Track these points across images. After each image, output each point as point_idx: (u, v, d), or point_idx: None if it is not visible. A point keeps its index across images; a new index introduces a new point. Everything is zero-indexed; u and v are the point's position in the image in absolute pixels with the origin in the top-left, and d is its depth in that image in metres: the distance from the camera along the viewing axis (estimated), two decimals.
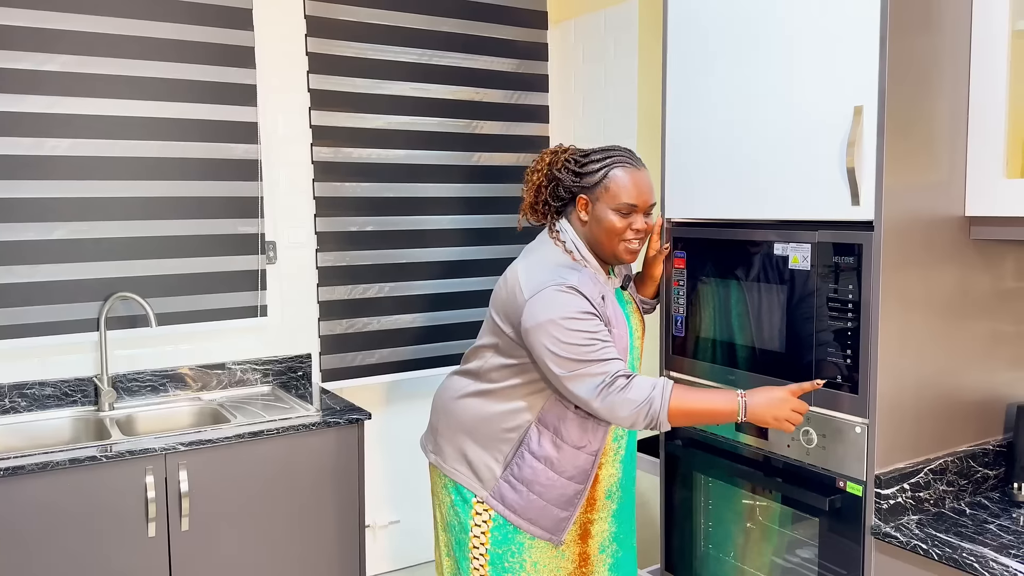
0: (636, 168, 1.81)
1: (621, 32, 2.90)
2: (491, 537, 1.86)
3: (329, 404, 2.55)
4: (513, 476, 1.83)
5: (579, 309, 1.70)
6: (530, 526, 1.84)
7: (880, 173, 1.56)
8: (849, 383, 1.63)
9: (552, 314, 1.70)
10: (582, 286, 1.73)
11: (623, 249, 1.81)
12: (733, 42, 1.85)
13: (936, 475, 1.67)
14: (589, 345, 1.68)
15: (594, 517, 1.94)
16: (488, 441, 1.86)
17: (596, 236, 1.82)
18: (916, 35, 1.58)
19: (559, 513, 1.84)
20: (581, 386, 1.68)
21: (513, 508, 1.84)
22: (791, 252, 1.73)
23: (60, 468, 2.02)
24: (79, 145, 2.42)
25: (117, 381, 2.54)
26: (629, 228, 1.80)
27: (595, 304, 1.73)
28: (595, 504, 1.93)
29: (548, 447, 1.81)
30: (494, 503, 1.85)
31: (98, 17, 2.42)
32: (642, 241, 1.83)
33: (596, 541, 1.95)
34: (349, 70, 2.83)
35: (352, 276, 2.88)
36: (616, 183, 1.79)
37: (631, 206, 1.78)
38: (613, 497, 1.96)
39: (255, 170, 2.70)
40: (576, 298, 1.71)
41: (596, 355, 1.68)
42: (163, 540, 2.17)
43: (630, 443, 1.98)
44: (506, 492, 1.84)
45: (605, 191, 1.80)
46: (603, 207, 1.80)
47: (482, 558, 1.87)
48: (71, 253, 2.44)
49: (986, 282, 1.76)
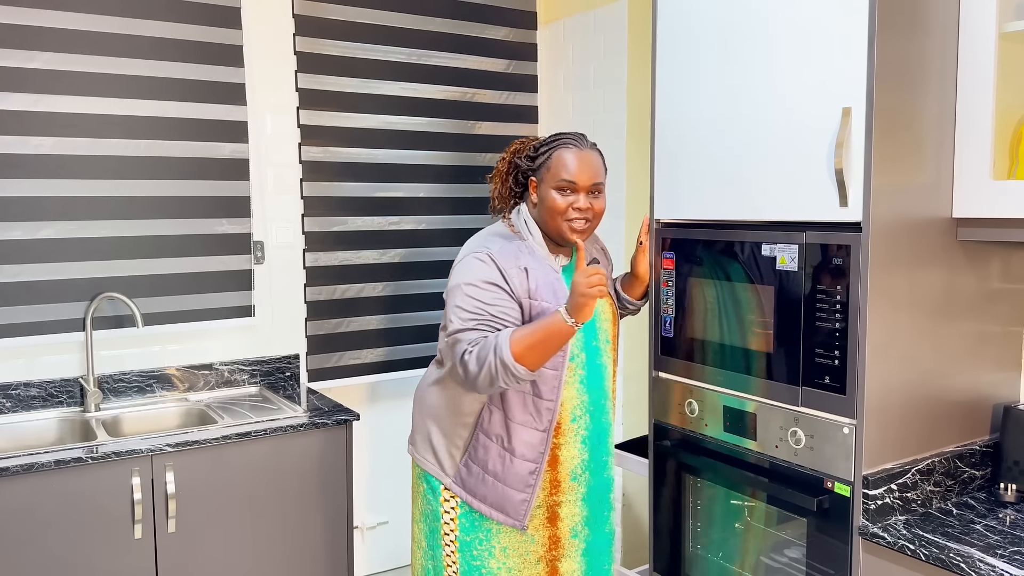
0: (580, 149, 1.87)
1: (611, 33, 2.90)
2: (459, 524, 1.91)
3: (317, 405, 2.54)
4: (471, 460, 1.89)
5: (484, 278, 1.79)
6: (491, 511, 1.87)
7: (868, 174, 1.56)
8: (837, 384, 1.63)
9: (459, 279, 1.81)
10: (500, 256, 1.81)
11: (567, 228, 1.86)
12: (722, 43, 1.85)
13: (923, 475, 1.68)
14: (475, 315, 1.76)
15: (560, 500, 1.94)
16: (450, 427, 1.92)
17: (543, 216, 1.89)
18: (904, 37, 1.59)
19: (517, 495, 1.86)
20: (453, 355, 1.77)
21: (474, 493, 1.89)
22: (779, 253, 1.74)
23: (45, 469, 2.00)
24: (64, 143, 2.40)
25: (103, 382, 2.52)
26: (571, 207, 1.85)
27: (506, 274, 1.80)
28: (560, 487, 1.93)
29: (499, 426, 1.86)
30: (457, 489, 1.90)
31: (83, 15, 2.40)
32: (586, 221, 1.86)
33: (567, 524, 1.96)
34: (338, 69, 2.82)
35: (340, 276, 2.87)
36: (557, 162, 1.86)
37: (570, 183, 1.84)
38: (580, 480, 1.96)
39: (243, 169, 2.68)
40: (486, 266, 1.80)
41: (474, 325, 1.76)
42: (149, 542, 2.15)
43: (596, 425, 1.98)
44: (466, 477, 1.89)
45: (548, 171, 1.88)
46: (546, 187, 1.87)
47: (453, 545, 1.92)
48: (56, 252, 2.42)
49: (973, 283, 1.77)
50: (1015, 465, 1.76)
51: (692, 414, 1.98)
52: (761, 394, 1.80)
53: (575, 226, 1.86)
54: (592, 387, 1.94)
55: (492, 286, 1.79)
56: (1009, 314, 1.86)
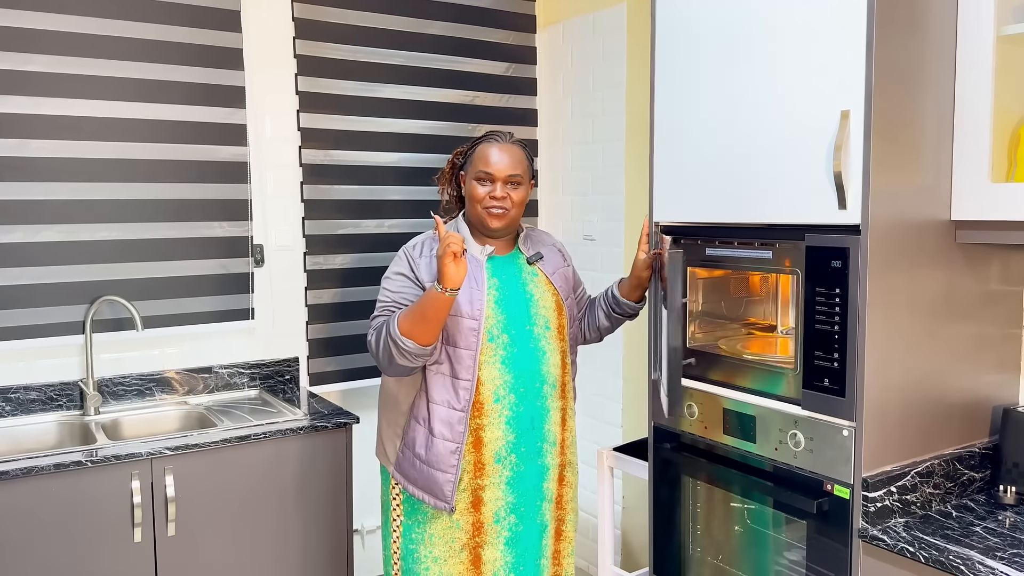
0: (500, 143, 2.02)
1: (610, 36, 2.91)
2: (404, 510, 2.04)
3: (317, 408, 2.54)
4: (405, 445, 2.00)
5: (394, 270, 2.01)
6: (422, 493, 1.97)
7: (867, 177, 1.56)
8: (836, 386, 1.63)
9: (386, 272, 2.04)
10: (413, 247, 2.02)
11: (485, 215, 2.00)
12: (721, 46, 1.86)
13: (923, 478, 1.68)
14: (384, 303, 1.98)
15: (484, 483, 1.97)
16: (392, 417, 2.05)
17: (468, 206, 2.04)
18: (902, 40, 1.59)
19: (441, 476, 1.94)
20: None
21: (407, 476, 2.00)
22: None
23: (45, 473, 2.00)
24: (63, 147, 2.41)
25: (103, 385, 2.52)
26: (488, 196, 1.99)
27: (414, 263, 1.98)
28: (484, 469, 1.96)
29: (423, 409, 1.96)
30: (398, 476, 2.03)
31: (82, 17, 2.41)
32: (504, 210, 1.99)
33: (490, 509, 1.98)
34: (338, 72, 2.82)
35: (341, 279, 2.87)
36: (479, 155, 2.02)
37: (486, 173, 1.99)
38: (505, 463, 1.98)
39: (243, 172, 2.69)
40: (399, 259, 2.02)
41: (380, 311, 1.97)
42: (149, 545, 2.15)
43: (528, 408, 1.99)
44: (402, 461, 2.01)
45: (471, 164, 2.04)
46: (469, 179, 2.03)
47: (398, 531, 2.07)
48: (56, 256, 2.42)
49: (972, 285, 1.77)
50: (1015, 467, 1.76)
51: (692, 417, 1.98)
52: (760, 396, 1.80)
53: (493, 212, 1.99)
54: (520, 369, 1.98)
55: (399, 276, 1.99)
56: (1008, 316, 1.86)
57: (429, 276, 1.97)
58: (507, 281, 2.03)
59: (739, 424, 1.85)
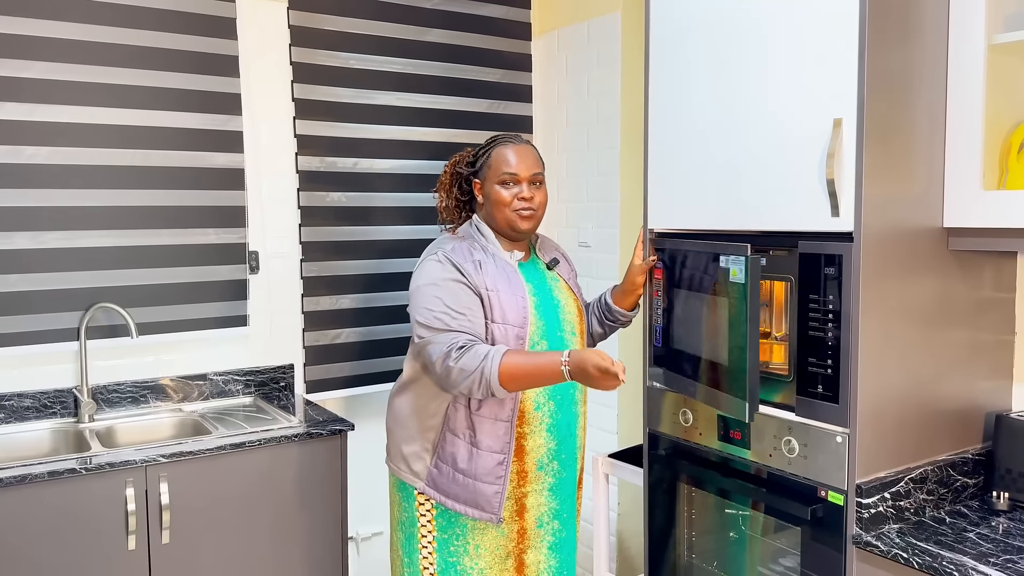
0: (515, 143, 1.97)
1: (604, 44, 2.92)
2: (436, 525, 1.96)
3: (312, 415, 2.53)
4: (440, 459, 1.93)
5: (441, 276, 1.86)
6: (465, 508, 1.91)
7: (859, 184, 1.57)
8: (830, 393, 1.64)
9: (420, 281, 1.88)
10: (454, 253, 1.89)
11: (515, 217, 1.94)
12: (714, 54, 1.87)
13: (916, 484, 1.69)
14: (443, 314, 1.82)
15: (528, 490, 1.96)
16: (418, 431, 1.97)
17: (491, 212, 1.97)
18: (894, 48, 1.60)
19: (488, 488, 1.89)
20: (428, 355, 1.82)
21: (446, 492, 1.92)
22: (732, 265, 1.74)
23: (39, 481, 1.99)
24: (59, 153, 2.41)
25: (97, 392, 2.52)
26: (516, 198, 1.93)
27: (463, 270, 1.86)
28: (527, 477, 1.95)
29: (464, 422, 1.90)
30: (430, 491, 1.94)
31: (79, 25, 2.41)
32: (532, 210, 1.94)
33: (532, 515, 1.98)
34: (334, 79, 2.83)
35: (337, 286, 2.87)
36: (497, 158, 1.95)
37: (512, 175, 1.93)
38: (547, 469, 1.97)
39: (239, 179, 2.69)
40: (444, 266, 1.87)
41: (444, 325, 1.81)
42: (143, 553, 2.15)
43: (564, 414, 1.99)
44: (437, 478, 1.93)
45: (490, 168, 1.96)
46: (490, 184, 1.96)
47: (430, 546, 1.96)
48: (51, 262, 2.41)
49: (964, 292, 1.78)
50: (1008, 473, 1.76)
51: (686, 423, 1.99)
52: None
53: (523, 214, 1.94)
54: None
55: (452, 282, 1.85)
56: (1001, 323, 1.87)
57: (479, 283, 1.87)
58: (538, 287, 1.99)
59: (733, 430, 1.86)
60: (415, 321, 1.86)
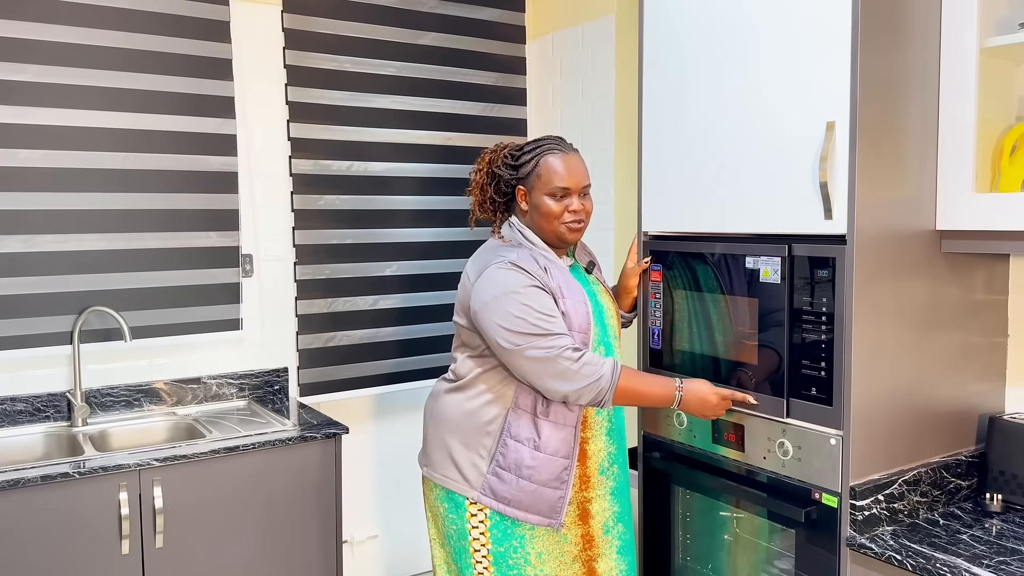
0: (566, 153, 1.89)
1: (598, 47, 2.92)
2: (491, 536, 1.86)
3: (306, 419, 2.53)
4: (499, 467, 1.85)
5: (522, 283, 1.79)
6: (526, 515, 1.85)
7: (852, 187, 1.58)
8: (824, 395, 1.64)
9: (496, 290, 1.79)
10: (521, 261, 1.82)
11: (564, 230, 1.89)
12: (708, 58, 1.87)
13: (910, 486, 1.69)
14: (537, 319, 1.76)
15: (591, 495, 1.93)
16: (471, 439, 1.88)
17: (537, 222, 1.91)
18: (887, 52, 1.61)
19: (552, 494, 1.84)
20: (529, 363, 1.77)
21: (506, 500, 1.85)
22: (762, 265, 1.75)
23: (31, 485, 1.99)
24: (52, 156, 2.40)
25: (91, 396, 2.51)
26: (566, 210, 1.88)
27: (536, 276, 1.81)
28: (589, 481, 1.92)
29: (528, 428, 1.85)
30: (486, 500, 1.86)
31: (72, 27, 2.41)
32: (581, 221, 1.90)
33: (598, 521, 1.94)
34: (328, 82, 2.83)
35: (331, 289, 2.87)
36: (547, 169, 1.88)
37: (564, 189, 1.87)
38: (608, 473, 1.95)
39: (233, 182, 2.68)
40: (517, 273, 1.81)
41: (541, 328, 1.76)
42: (137, 557, 2.14)
43: (617, 417, 1.99)
44: (495, 485, 1.85)
45: (538, 178, 1.89)
46: (538, 194, 1.89)
47: (485, 560, 1.87)
48: (44, 266, 2.41)
49: (957, 294, 1.79)
50: (1001, 475, 1.77)
51: (681, 426, 1.99)
52: (749, 406, 1.80)
53: (572, 227, 1.90)
54: None
55: (534, 288, 1.79)
56: (993, 325, 1.87)
57: (553, 287, 1.83)
58: (588, 292, 1.96)
59: (727, 433, 1.86)
60: (501, 328, 1.77)
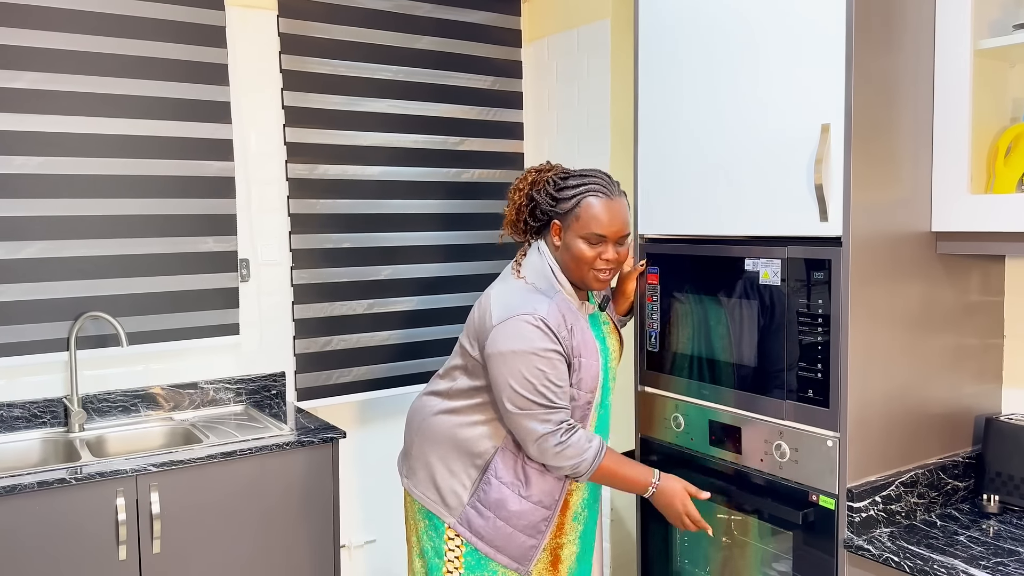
0: (610, 197, 1.78)
1: (594, 50, 2.93)
2: (465, 563, 1.86)
3: (303, 423, 2.53)
4: (480, 502, 1.83)
5: (543, 347, 1.72)
6: (496, 554, 1.83)
7: (847, 190, 1.58)
8: (820, 397, 1.64)
9: (515, 345, 1.72)
10: (550, 318, 1.74)
11: (592, 277, 1.81)
12: (703, 61, 1.88)
13: (907, 488, 1.69)
14: (545, 388, 1.72)
15: (563, 541, 1.93)
16: (457, 466, 1.86)
17: (566, 262, 1.82)
18: (881, 54, 1.61)
19: (526, 541, 1.84)
20: (524, 426, 1.74)
21: (480, 535, 1.83)
22: (762, 268, 1.75)
23: (28, 491, 1.98)
24: (49, 163, 2.40)
25: (87, 401, 2.51)
26: (599, 258, 1.79)
27: (561, 339, 1.74)
28: (563, 528, 1.92)
29: (514, 471, 1.82)
30: (462, 529, 1.84)
31: (69, 34, 2.40)
32: (613, 271, 1.81)
33: (566, 566, 1.95)
34: (324, 87, 2.83)
35: (328, 293, 2.87)
36: (587, 212, 1.77)
37: (600, 236, 1.77)
38: (580, 519, 1.95)
39: (229, 187, 2.68)
40: (542, 334, 1.72)
41: (547, 400, 1.72)
42: (134, 563, 2.13)
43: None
44: (473, 518, 1.84)
45: (576, 219, 1.79)
46: (573, 235, 1.79)
47: None
48: (40, 272, 2.40)
49: (952, 296, 1.79)
50: (998, 476, 1.77)
51: (678, 428, 1.99)
52: (746, 408, 1.81)
53: (600, 276, 1.81)
54: (601, 427, 1.93)
55: (553, 353, 1.73)
56: (989, 326, 1.88)
57: (570, 350, 1.77)
58: (600, 342, 1.90)
59: (724, 435, 1.86)
60: (509, 386, 1.72)
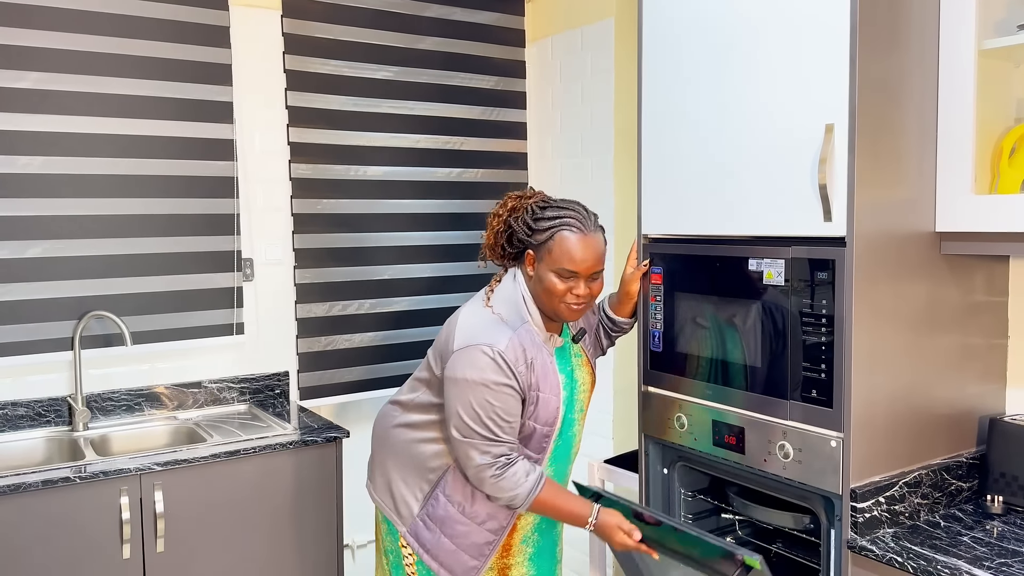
0: (584, 233, 1.78)
1: (598, 50, 2.93)
2: (417, 569, 1.91)
3: (307, 422, 2.53)
4: (428, 516, 1.87)
5: (495, 380, 1.72)
6: (440, 568, 1.86)
7: (851, 190, 1.58)
8: (824, 397, 1.64)
9: (469, 375, 1.73)
10: (508, 352, 1.74)
11: (563, 309, 1.80)
12: (707, 60, 1.88)
13: (911, 488, 1.69)
14: (490, 421, 1.73)
15: (511, 562, 1.93)
16: (411, 478, 1.90)
17: (538, 293, 1.82)
18: (885, 54, 1.61)
19: (468, 561, 1.86)
20: (465, 453, 1.76)
21: (426, 548, 1.87)
22: (765, 267, 1.75)
23: (33, 490, 1.99)
24: (52, 162, 2.41)
25: (91, 401, 2.51)
26: (570, 292, 1.79)
27: (517, 374, 1.75)
28: (511, 550, 1.92)
29: (463, 491, 1.84)
30: (410, 540, 1.89)
31: (73, 35, 2.41)
32: (585, 305, 1.81)
33: None
34: (327, 87, 2.83)
35: (331, 293, 2.87)
36: (560, 246, 1.77)
37: (571, 272, 1.77)
38: (529, 541, 1.95)
39: (232, 187, 2.69)
40: (497, 367, 1.72)
41: (491, 432, 1.73)
42: (138, 562, 2.14)
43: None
44: (421, 531, 1.87)
45: (549, 252, 1.78)
46: (545, 268, 1.79)
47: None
48: (45, 272, 2.41)
49: (956, 296, 1.79)
50: (1001, 477, 1.77)
51: (682, 428, 1.99)
52: (749, 408, 1.81)
53: (572, 309, 1.80)
54: (559, 459, 1.93)
55: (505, 388, 1.73)
56: (993, 327, 1.87)
57: (526, 385, 1.77)
58: (567, 376, 1.90)
59: (728, 435, 1.86)
60: (456, 412, 1.74)
